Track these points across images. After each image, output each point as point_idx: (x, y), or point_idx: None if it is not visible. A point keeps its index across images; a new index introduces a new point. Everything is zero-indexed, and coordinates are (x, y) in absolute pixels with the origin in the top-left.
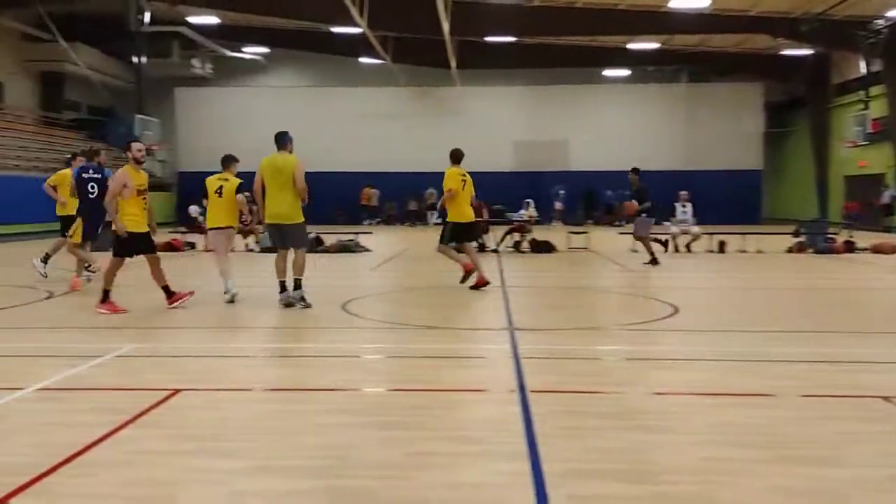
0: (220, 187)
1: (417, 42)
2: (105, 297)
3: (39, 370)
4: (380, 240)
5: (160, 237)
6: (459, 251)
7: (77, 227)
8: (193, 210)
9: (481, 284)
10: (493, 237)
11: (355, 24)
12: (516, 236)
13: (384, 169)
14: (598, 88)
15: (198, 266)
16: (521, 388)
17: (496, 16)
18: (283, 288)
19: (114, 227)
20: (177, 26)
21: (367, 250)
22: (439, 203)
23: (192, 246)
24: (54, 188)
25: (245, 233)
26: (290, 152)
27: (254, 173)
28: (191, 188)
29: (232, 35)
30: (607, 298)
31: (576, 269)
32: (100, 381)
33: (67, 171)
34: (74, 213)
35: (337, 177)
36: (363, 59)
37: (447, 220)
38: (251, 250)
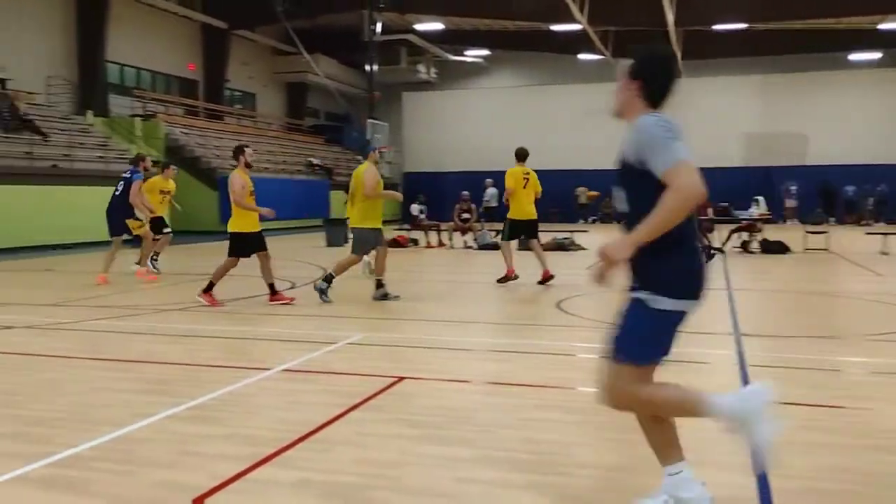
0: None
1: (639, 35)
2: (209, 287)
3: (283, 353)
4: (596, 239)
5: (387, 233)
6: (528, 248)
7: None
8: (415, 208)
9: (509, 277)
10: (718, 236)
11: (575, 21)
12: (744, 235)
13: (605, 166)
14: (842, 74)
15: (420, 261)
16: None
17: (725, 2)
18: (328, 278)
19: (231, 229)
20: (405, 34)
21: (583, 249)
22: (504, 200)
23: (415, 242)
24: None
25: (464, 230)
26: (375, 162)
27: (472, 173)
28: (416, 188)
29: (455, 39)
30: (849, 305)
31: (812, 272)
32: (333, 365)
33: (156, 178)
34: (157, 215)
35: (556, 175)
36: (582, 56)
37: (507, 216)
38: (469, 247)
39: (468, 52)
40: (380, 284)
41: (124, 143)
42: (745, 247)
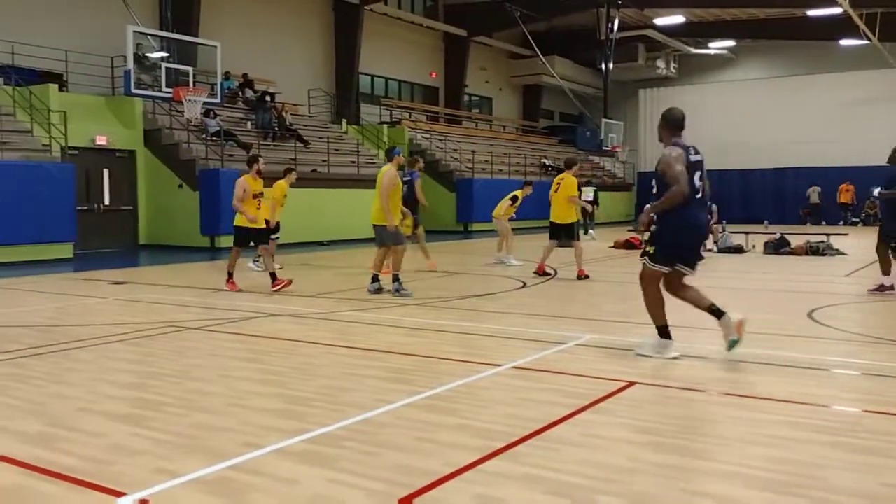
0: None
1: None
2: (229, 276)
3: (514, 350)
4: (857, 243)
5: (620, 235)
6: (563, 246)
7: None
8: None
9: (540, 273)
10: None
11: (835, 4)
12: None
13: (867, 162)
14: None
15: None
16: None
17: None
18: (373, 279)
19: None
20: (643, 30)
21: (842, 254)
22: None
23: None
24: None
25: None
26: (400, 166)
27: (712, 171)
28: (650, 188)
29: (697, 32)
30: None
31: None
32: (562, 365)
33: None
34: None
35: (810, 172)
36: (843, 42)
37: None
38: (709, 250)
39: (712, 45)
40: (397, 279)
41: (373, 148)
42: None
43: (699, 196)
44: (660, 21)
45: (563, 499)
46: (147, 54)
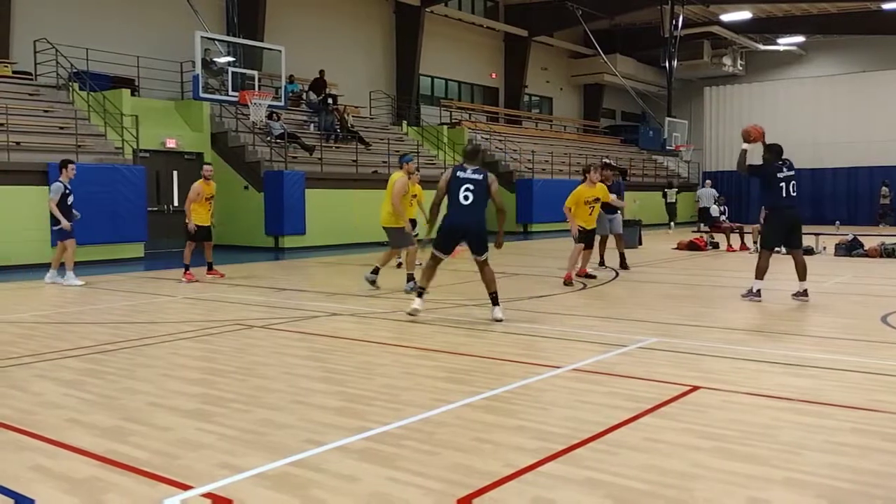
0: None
1: None
2: (186, 269)
3: (574, 353)
4: None
5: (683, 236)
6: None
7: None
8: (714, 209)
9: (567, 281)
10: None
11: None
12: None
13: None
14: None
15: (720, 265)
16: None
17: None
18: (374, 271)
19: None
20: (708, 26)
21: None
22: None
23: (715, 245)
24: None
25: None
26: (409, 173)
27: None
28: (716, 188)
29: (765, 28)
30: None
31: None
32: (624, 368)
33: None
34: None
35: (884, 171)
36: None
37: None
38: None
39: (781, 41)
40: (411, 278)
41: (433, 149)
42: None
43: (465, 203)
44: (726, 17)
45: (623, 503)
46: (214, 59)
